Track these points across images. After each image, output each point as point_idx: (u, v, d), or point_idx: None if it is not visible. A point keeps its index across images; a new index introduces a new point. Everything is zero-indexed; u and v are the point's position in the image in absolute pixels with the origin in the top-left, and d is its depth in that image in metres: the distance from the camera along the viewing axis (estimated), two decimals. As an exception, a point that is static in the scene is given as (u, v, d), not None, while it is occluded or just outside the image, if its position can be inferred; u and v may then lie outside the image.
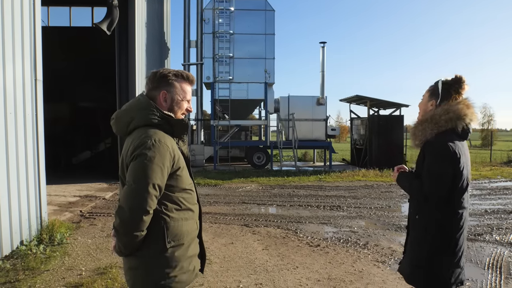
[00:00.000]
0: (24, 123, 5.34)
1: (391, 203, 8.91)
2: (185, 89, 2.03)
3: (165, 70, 2.00)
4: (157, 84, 1.99)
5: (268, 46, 17.05)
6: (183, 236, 1.93)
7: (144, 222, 1.78)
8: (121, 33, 12.41)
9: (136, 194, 1.76)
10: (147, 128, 1.88)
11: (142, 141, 1.81)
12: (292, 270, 4.62)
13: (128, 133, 1.95)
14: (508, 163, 19.34)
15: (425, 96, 2.35)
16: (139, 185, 1.76)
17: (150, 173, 1.76)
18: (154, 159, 1.78)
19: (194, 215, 2.03)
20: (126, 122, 1.95)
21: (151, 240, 1.84)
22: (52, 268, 4.54)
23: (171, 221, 1.89)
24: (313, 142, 17.83)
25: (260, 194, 10.14)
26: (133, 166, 1.80)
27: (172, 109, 1.99)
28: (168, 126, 1.94)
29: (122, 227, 1.79)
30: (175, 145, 1.94)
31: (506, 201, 9.29)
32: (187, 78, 2.04)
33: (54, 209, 7.78)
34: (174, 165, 1.89)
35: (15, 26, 5.17)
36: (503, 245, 5.65)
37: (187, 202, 1.98)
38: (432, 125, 2.19)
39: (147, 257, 1.87)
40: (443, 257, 2.18)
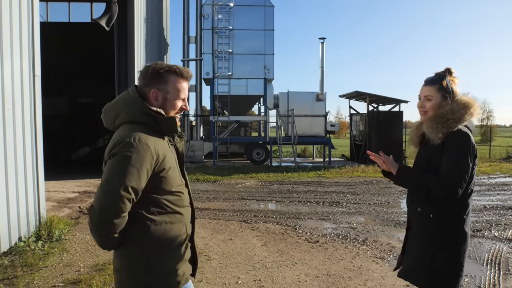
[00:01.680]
0: (22, 119, 5.32)
1: (390, 199, 8.92)
2: (179, 87, 1.87)
3: (157, 65, 1.84)
4: (149, 81, 1.84)
5: (267, 42, 17.01)
6: (168, 241, 1.82)
7: (115, 225, 1.67)
8: (120, 29, 12.36)
9: (107, 196, 1.64)
10: (131, 126, 1.76)
11: (121, 139, 1.70)
12: (291, 266, 4.62)
13: (115, 128, 1.84)
14: (507, 159, 19.35)
15: (437, 96, 2.24)
16: (111, 186, 1.64)
17: (124, 174, 1.64)
18: (131, 160, 1.65)
19: (184, 218, 1.90)
20: (113, 117, 1.85)
21: (131, 243, 1.76)
22: (51, 264, 4.53)
23: (152, 225, 1.77)
24: (312, 138, 17.83)
25: (259, 190, 10.14)
26: (108, 165, 1.69)
27: (164, 108, 1.85)
28: (155, 124, 1.80)
29: (92, 228, 1.70)
30: (161, 145, 1.80)
31: (505, 197, 9.29)
32: (181, 74, 1.87)
33: (52, 205, 7.78)
34: (157, 166, 1.75)
35: (13, 21, 5.14)
36: (502, 241, 5.66)
37: (174, 205, 1.84)
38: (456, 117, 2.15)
39: (128, 261, 1.79)
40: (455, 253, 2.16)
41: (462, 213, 2.16)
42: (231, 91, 16.60)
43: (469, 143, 2.12)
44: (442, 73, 2.28)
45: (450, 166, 2.08)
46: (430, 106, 2.26)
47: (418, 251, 2.25)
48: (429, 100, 2.26)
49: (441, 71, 2.29)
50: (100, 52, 16.67)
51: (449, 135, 2.13)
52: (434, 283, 2.19)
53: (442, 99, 2.24)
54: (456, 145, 2.11)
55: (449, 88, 2.24)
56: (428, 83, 2.28)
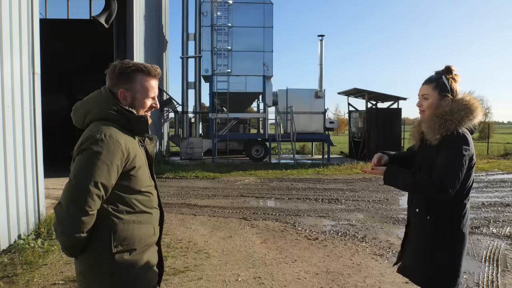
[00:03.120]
0: (21, 117, 5.31)
1: (389, 196, 8.94)
2: (147, 86, 1.84)
3: (123, 64, 1.81)
4: (116, 81, 1.81)
5: (266, 39, 16.98)
6: (135, 241, 1.75)
7: (83, 223, 1.60)
8: (119, 26, 12.36)
9: (76, 192, 1.59)
10: (102, 122, 1.73)
11: (91, 135, 1.66)
12: (291, 263, 4.64)
13: (85, 126, 1.81)
14: (505, 155, 19.40)
15: (434, 95, 2.24)
16: (79, 182, 1.59)
17: (93, 170, 1.59)
18: (101, 155, 1.61)
19: (152, 219, 1.85)
20: (83, 115, 1.81)
21: (96, 244, 1.68)
22: (50, 262, 4.54)
23: (119, 223, 1.71)
24: (311, 135, 17.84)
25: (258, 187, 10.16)
26: (77, 160, 1.64)
27: (134, 107, 1.82)
28: (126, 122, 1.78)
29: (58, 225, 1.62)
30: (131, 143, 1.77)
31: (503, 193, 9.33)
32: (149, 72, 1.84)
33: (52, 202, 7.78)
34: (128, 164, 1.72)
35: (13, 19, 5.12)
36: (500, 238, 5.68)
37: (142, 205, 1.80)
38: (455, 118, 2.13)
39: (94, 262, 1.70)
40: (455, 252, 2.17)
41: (459, 214, 2.17)
42: (230, 88, 16.58)
43: (465, 146, 2.10)
44: (440, 71, 2.28)
45: (443, 167, 2.08)
46: (427, 105, 2.27)
47: (417, 249, 2.27)
48: (426, 99, 2.27)
49: (441, 70, 2.29)
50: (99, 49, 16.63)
51: (446, 137, 2.13)
52: (433, 281, 2.21)
53: (438, 98, 2.23)
54: (452, 147, 2.10)
55: (446, 86, 2.23)
56: (425, 82, 2.29)
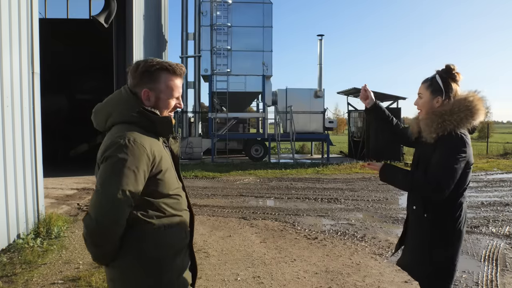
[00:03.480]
0: (21, 116, 5.31)
1: (388, 196, 8.94)
2: (172, 86, 1.76)
3: (147, 63, 1.73)
4: (139, 80, 1.73)
5: (265, 38, 16.97)
6: (167, 246, 1.71)
7: (114, 233, 1.56)
8: (119, 26, 12.32)
9: (104, 202, 1.53)
10: (125, 126, 1.66)
11: (114, 141, 1.58)
12: (290, 263, 4.64)
13: (107, 129, 1.73)
14: (504, 155, 19.40)
15: (426, 94, 2.26)
16: (107, 191, 1.53)
17: (120, 178, 1.53)
18: (126, 162, 1.54)
19: (182, 222, 1.79)
20: (104, 117, 1.73)
21: (128, 250, 1.64)
22: (49, 261, 4.54)
23: (151, 230, 1.66)
24: (310, 135, 17.84)
25: (258, 186, 10.16)
26: (102, 169, 1.57)
27: (158, 108, 1.75)
28: (150, 124, 1.70)
29: (89, 237, 1.57)
30: (156, 146, 1.70)
31: (502, 193, 9.33)
32: (174, 71, 1.76)
33: (51, 202, 7.78)
34: (154, 168, 1.65)
35: (12, 18, 5.12)
36: (499, 237, 5.69)
37: (172, 208, 1.74)
38: (454, 119, 2.12)
39: (125, 269, 1.66)
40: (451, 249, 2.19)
41: (455, 213, 2.18)
42: (230, 88, 16.58)
43: (463, 147, 2.10)
44: (439, 71, 2.29)
45: (439, 166, 2.08)
46: (421, 104, 2.31)
47: (416, 247, 2.31)
48: (420, 97, 2.31)
49: (441, 69, 2.29)
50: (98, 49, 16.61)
51: (443, 136, 2.13)
52: (432, 279, 2.24)
53: (431, 97, 2.25)
54: (448, 147, 2.11)
55: (439, 86, 2.23)
56: (422, 81, 2.32)
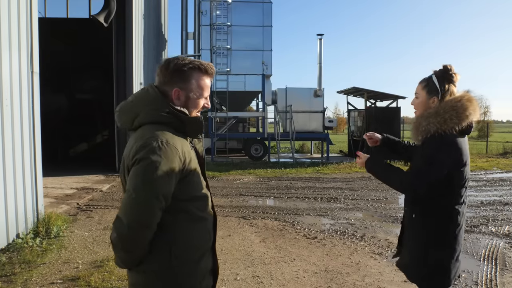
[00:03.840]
0: (20, 116, 5.30)
1: (388, 195, 8.94)
2: (202, 85, 1.72)
3: (179, 61, 1.68)
4: (170, 78, 1.67)
5: (265, 38, 16.96)
6: (193, 250, 1.66)
7: (144, 238, 1.53)
8: (119, 25, 12.31)
9: (136, 206, 1.49)
10: (154, 126, 1.61)
11: (146, 143, 1.53)
12: (289, 262, 4.64)
13: (133, 129, 1.69)
14: (504, 154, 19.41)
15: (422, 94, 2.26)
16: (140, 195, 1.49)
17: (154, 181, 1.49)
18: (160, 165, 1.49)
19: (208, 224, 1.74)
20: (131, 117, 1.68)
21: (155, 255, 1.60)
22: (49, 261, 4.54)
23: (178, 234, 1.62)
24: (310, 134, 17.83)
25: (257, 186, 10.15)
26: (134, 172, 1.52)
27: (187, 108, 1.70)
28: (179, 124, 1.66)
29: (119, 241, 1.55)
30: (187, 146, 1.66)
31: (501, 192, 9.33)
32: (206, 71, 1.72)
33: (50, 201, 7.77)
34: (185, 170, 1.60)
35: (12, 17, 5.11)
36: (498, 237, 5.69)
37: (199, 210, 1.69)
38: (437, 121, 2.11)
39: (151, 274, 1.62)
40: (442, 252, 2.18)
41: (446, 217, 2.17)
42: (229, 87, 16.56)
43: (445, 147, 2.09)
44: (436, 71, 2.28)
45: (416, 167, 2.13)
46: (417, 104, 2.31)
47: (411, 248, 2.31)
48: (417, 98, 2.31)
49: (438, 69, 2.29)
50: (98, 48, 16.59)
51: (427, 138, 2.14)
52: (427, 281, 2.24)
53: (427, 97, 2.25)
54: (429, 147, 2.11)
55: (435, 86, 2.22)
56: (419, 81, 2.32)
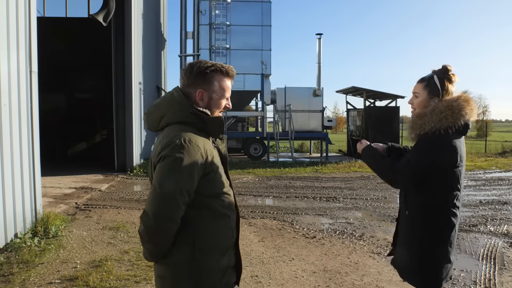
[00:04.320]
0: (18, 115, 5.29)
1: (387, 194, 8.94)
2: (224, 86, 1.85)
3: (202, 64, 1.81)
4: (194, 80, 1.80)
5: (264, 37, 16.97)
6: (216, 245, 1.76)
7: (170, 231, 1.64)
8: (118, 24, 12.30)
9: (162, 200, 1.61)
10: (179, 126, 1.73)
11: (171, 141, 1.65)
12: (288, 262, 4.64)
13: (160, 129, 1.82)
14: (502, 153, 19.43)
15: (424, 94, 2.25)
16: (164, 189, 1.60)
17: (177, 177, 1.61)
18: (183, 161, 1.61)
19: (230, 221, 1.84)
20: (157, 118, 1.82)
21: (179, 248, 1.71)
22: (47, 261, 4.53)
23: (201, 228, 1.72)
24: (309, 133, 17.84)
25: (256, 185, 10.15)
26: (159, 168, 1.65)
27: (209, 108, 1.82)
28: (202, 124, 1.77)
29: (146, 234, 1.66)
30: (209, 145, 1.77)
31: (500, 191, 9.34)
32: (227, 73, 1.85)
33: (49, 201, 7.76)
34: (207, 167, 1.72)
35: (10, 17, 5.10)
36: (497, 236, 5.69)
37: (222, 207, 1.79)
38: (432, 120, 2.11)
39: (175, 267, 1.73)
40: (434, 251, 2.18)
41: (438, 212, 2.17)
42: (228, 87, 16.57)
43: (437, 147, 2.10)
44: (436, 71, 2.28)
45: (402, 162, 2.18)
46: (417, 103, 2.30)
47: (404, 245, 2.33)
48: (416, 97, 2.31)
49: (437, 69, 2.28)
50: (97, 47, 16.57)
51: (420, 135, 2.16)
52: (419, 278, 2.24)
53: (428, 97, 2.25)
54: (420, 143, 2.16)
55: (436, 86, 2.22)
56: (419, 80, 2.32)
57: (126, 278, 4.03)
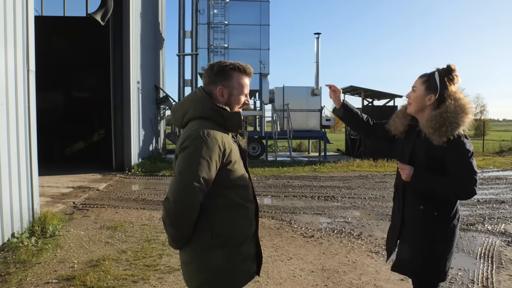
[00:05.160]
0: (16, 114, 5.27)
1: (385, 193, 8.95)
2: (242, 83, 1.98)
3: (222, 63, 1.96)
4: (214, 78, 1.95)
5: (263, 36, 16.97)
6: (234, 234, 1.89)
7: (190, 216, 1.77)
8: (115, 24, 12.27)
9: (181, 187, 1.74)
10: (199, 121, 1.88)
11: (191, 133, 1.80)
12: (286, 261, 4.63)
13: (183, 126, 1.96)
14: (500, 153, 19.50)
15: (421, 89, 2.25)
16: (184, 177, 1.74)
17: (195, 165, 1.74)
18: (201, 152, 1.75)
19: (249, 211, 1.97)
20: (181, 115, 1.96)
21: (199, 233, 1.83)
22: (44, 260, 4.51)
23: (220, 216, 1.85)
24: (308, 133, 17.85)
25: (254, 184, 10.06)
26: (180, 157, 1.79)
27: (230, 104, 1.96)
28: (221, 119, 1.91)
29: (167, 218, 1.78)
30: (227, 138, 1.90)
31: (498, 190, 9.36)
32: (245, 70, 1.99)
33: (46, 200, 7.74)
34: (225, 159, 1.84)
35: (8, 15, 5.07)
36: (494, 235, 5.70)
37: (240, 198, 1.92)
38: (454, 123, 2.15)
39: (197, 252, 1.86)
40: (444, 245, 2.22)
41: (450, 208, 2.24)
42: (227, 86, 16.56)
43: (471, 146, 2.21)
44: (439, 69, 2.27)
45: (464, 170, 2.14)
46: (413, 97, 2.30)
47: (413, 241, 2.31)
48: (414, 91, 2.30)
49: (442, 68, 2.27)
50: (95, 46, 16.55)
51: (454, 140, 2.16)
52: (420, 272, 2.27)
53: (425, 93, 2.25)
54: (464, 150, 2.17)
55: (435, 84, 2.22)
56: (420, 76, 2.31)
57: (123, 278, 4.01)
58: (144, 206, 7.44)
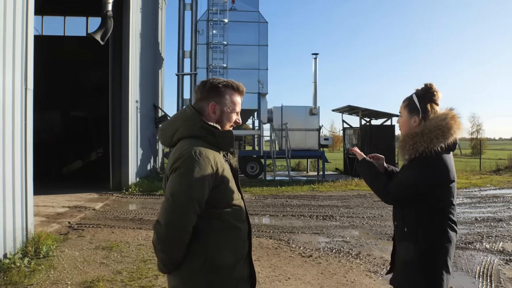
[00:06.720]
0: (12, 132, 5.25)
1: (383, 213, 8.89)
2: (235, 101, 1.94)
3: (215, 80, 1.92)
4: (207, 94, 1.90)
5: (261, 57, 17.19)
6: (227, 256, 1.80)
7: (182, 239, 1.69)
8: (115, 43, 12.42)
9: (173, 209, 1.67)
10: (190, 140, 1.81)
11: (182, 153, 1.73)
12: (284, 281, 4.56)
13: (173, 145, 1.90)
14: (497, 171, 19.51)
15: (404, 113, 2.29)
16: (176, 199, 1.67)
17: (188, 187, 1.68)
18: (193, 172, 1.68)
19: (242, 233, 1.90)
20: (171, 134, 1.90)
21: (191, 259, 1.75)
22: (36, 282, 4.42)
23: (214, 239, 1.77)
24: (306, 152, 17.85)
25: (253, 204, 10.07)
26: (171, 179, 1.73)
27: (221, 121, 1.91)
28: (212, 138, 1.85)
29: (158, 243, 1.71)
30: (219, 158, 1.84)
31: (495, 209, 9.31)
32: (237, 88, 1.95)
33: (41, 220, 7.66)
34: (217, 179, 1.78)
35: (7, 34, 5.12)
36: (493, 253, 5.64)
37: (233, 218, 1.84)
38: (423, 140, 2.13)
39: (187, 277, 1.77)
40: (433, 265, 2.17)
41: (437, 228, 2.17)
42: (225, 105, 16.63)
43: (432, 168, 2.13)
44: (418, 90, 2.29)
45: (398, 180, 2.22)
46: (401, 123, 2.34)
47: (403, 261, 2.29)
48: (400, 117, 2.33)
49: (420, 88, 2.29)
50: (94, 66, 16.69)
51: (415, 158, 2.16)
52: None
53: (408, 117, 2.28)
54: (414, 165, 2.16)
55: (415, 105, 2.24)
56: (403, 100, 2.34)
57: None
58: (141, 226, 7.37)
